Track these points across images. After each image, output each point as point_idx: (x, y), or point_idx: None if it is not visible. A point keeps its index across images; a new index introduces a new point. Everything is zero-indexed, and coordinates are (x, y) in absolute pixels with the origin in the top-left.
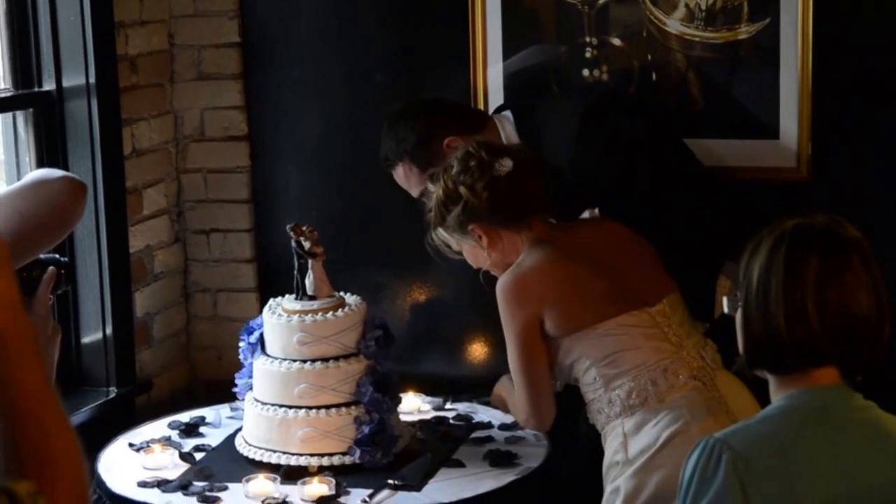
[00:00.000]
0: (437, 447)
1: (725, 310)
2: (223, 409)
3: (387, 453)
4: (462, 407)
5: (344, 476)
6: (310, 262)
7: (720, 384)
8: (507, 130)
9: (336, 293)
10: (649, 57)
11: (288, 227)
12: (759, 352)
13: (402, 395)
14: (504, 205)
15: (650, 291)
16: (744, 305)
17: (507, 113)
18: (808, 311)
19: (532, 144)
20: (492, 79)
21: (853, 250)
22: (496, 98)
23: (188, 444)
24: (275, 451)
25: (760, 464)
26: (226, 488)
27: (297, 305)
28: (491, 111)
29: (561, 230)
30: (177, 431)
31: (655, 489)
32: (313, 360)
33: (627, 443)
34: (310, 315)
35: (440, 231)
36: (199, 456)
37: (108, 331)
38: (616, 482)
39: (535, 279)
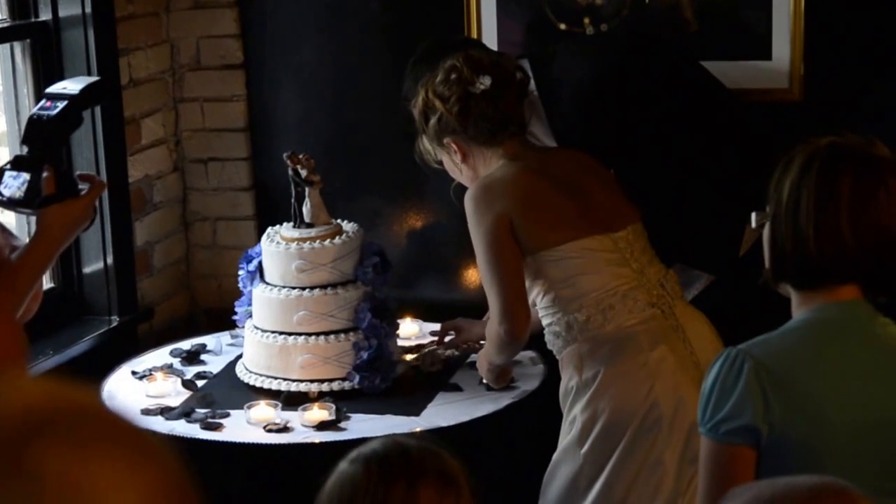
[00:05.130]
0: (434, 372)
1: (753, 225)
2: (224, 337)
3: (385, 378)
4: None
5: (344, 401)
6: (307, 189)
7: (679, 313)
8: None
9: (333, 220)
10: None
11: (285, 155)
12: (786, 265)
13: (399, 320)
14: (476, 121)
15: (615, 218)
16: (772, 219)
17: (525, 62)
18: (841, 228)
19: (549, 98)
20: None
21: (886, 169)
22: (489, 16)
23: (190, 371)
24: (275, 378)
25: (783, 374)
26: (228, 415)
27: (295, 233)
28: (486, 35)
29: (534, 150)
30: (178, 359)
31: (609, 416)
32: (312, 288)
33: (582, 366)
34: (308, 243)
35: (424, 139)
36: (200, 383)
37: (109, 260)
38: (573, 412)
39: (502, 187)
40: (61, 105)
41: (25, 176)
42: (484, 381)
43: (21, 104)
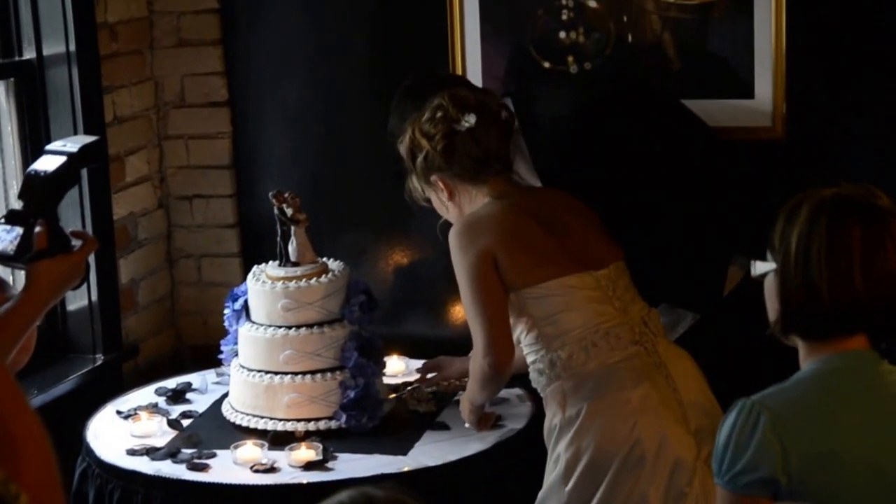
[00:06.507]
0: (422, 412)
1: (753, 273)
2: (209, 375)
3: (372, 417)
4: None
5: (331, 441)
6: (293, 228)
7: (662, 351)
8: None
9: (319, 259)
10: (625, 18)
11: (270, 194)
12: (797, 317)
13: (385, 357)
14: (461, 159)
15: (597, 256)
16: (781, 272)
17: (508, 100)
18: (854, 278)
19: (532, 136)
20: (469, 37)
21: (891, 219)
22: (473, 54)
23: (175, 410)
24: (262, 417)
25: (799, 425)
26: (214, 455)
27: (281, 272)
28: (470, 74)
29: (518, 189)
30: (164, 398)
31: (592, 453)
32: (298, 327)
33: (566, 403)
34: (294, 282)
35: (412, 177)
36: (186, 422)
37: (94, 297)
38: (557, 449)
39: (485, 224)
40: (59, 162)
41: (18, 230)
42: (467, 424)
43: (5, 143)
